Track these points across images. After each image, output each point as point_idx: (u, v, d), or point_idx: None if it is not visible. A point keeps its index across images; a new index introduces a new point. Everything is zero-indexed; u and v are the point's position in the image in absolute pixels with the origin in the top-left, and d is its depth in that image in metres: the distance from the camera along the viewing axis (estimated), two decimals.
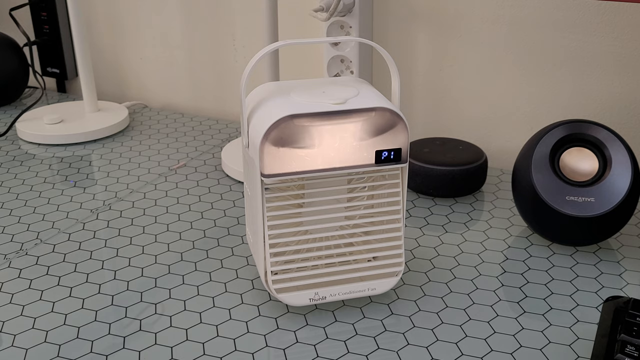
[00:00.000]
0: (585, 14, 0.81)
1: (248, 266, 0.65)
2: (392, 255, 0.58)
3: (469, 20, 0.88)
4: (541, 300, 0.60)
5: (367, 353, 0.53)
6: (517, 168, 0.70)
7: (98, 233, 0.72)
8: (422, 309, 0.59)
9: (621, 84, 0.82)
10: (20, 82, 1.14)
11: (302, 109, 0.52)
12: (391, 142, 0.54)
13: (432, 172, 0.78)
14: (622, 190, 0.64)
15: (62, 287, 0.62)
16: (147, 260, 0.67)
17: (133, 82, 1.19)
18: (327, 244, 0.57)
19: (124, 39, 1.16)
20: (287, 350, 0.54)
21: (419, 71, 0.93)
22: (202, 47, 1.09)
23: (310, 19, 0.84)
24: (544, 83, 0.86)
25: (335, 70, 0.90)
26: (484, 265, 0.66)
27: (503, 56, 0.87)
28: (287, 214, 0.56)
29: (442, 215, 0.76)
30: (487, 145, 0.89)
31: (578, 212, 0.65)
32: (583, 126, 0.68)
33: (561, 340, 0.55)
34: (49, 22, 1.16)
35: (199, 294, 0.61)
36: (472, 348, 0.54)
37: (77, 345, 0.55)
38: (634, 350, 0.47)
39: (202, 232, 0.72)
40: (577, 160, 0.67)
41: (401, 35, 0.92)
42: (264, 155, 0.51)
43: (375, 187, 0.57)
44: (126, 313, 0.59)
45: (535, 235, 0.71)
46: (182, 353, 0.54)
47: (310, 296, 0.57)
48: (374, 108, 0.53)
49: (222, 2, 1.04)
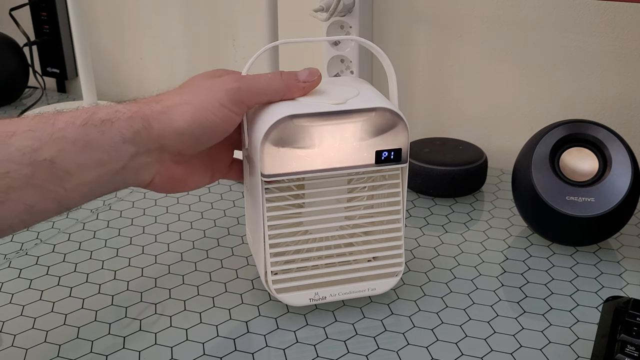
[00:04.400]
0: (585, 14, 0.81)
1: (248, 266, 0.65)
2: (392, 255, 0.58)
3: (469, 20, 0.88)
4: (541, 300, 0.60)
5: (367, 353, 0.53)
6: (517, 168, 0.70)
7: (98, 233, 0.72)
8: (422, 309, 0.59)
9: (621, 84, 0.82)
10: (20, 82, 1.14)
11: (302, 109, 0.52)
12: (391, 142, 0.54)
13: (432, 172, 0.78)
14: (622, 190, 0.64)
15: (62, 287, 0.62)
16: (147, 260, 0.67)
17: (133, 82, 1.19)
18: (327, 244, 0.57)
19: (124, 39, 1.16)
20: (287, 350, 0.54)
21: (419, 71, 0.93)
22: (202, 47, 1.09)
23: (310, 19, 0.84)
24: (544, 83, 0.86)
25: (335, 70, 0.90)
26: (484, 265, 0.66)
27: (503, 56, 0.87)
28: (287, 214, 0.56)
29: (442, 215, 0.76)
30: (487, 145, 0.89)
31: (578, 212, 0.65)
32: (583, 126, 0.68)
33: (561, 340, 0.55)
34: (49, 22, 1.16)
35: (199, 294, 0.61)
36: (472, 348, 0.54)
37: (77, 345, 0.55)
38: (634, 350, 0.47)
39: (202, 232, 0.72)
40: (577, 160, 0.67)
41: (401, 35, 0.92)
42: (264, 156, 0.51)
43: (375, 187, 0.57)
44: (126, 313, 0.59)
45: (535, 235, 0.71)
46: (182, 353, 0.54)
47: (310, 296, 0.57)
48: (374, 108, 0.53)
49: (222, 2, 1.04)
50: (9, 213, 0.45)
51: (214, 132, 0.52)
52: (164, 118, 0.50)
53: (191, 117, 0.50)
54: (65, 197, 0.47)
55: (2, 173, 0.44)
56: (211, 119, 0.50)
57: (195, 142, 0.52)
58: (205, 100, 0.50)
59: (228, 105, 0.51)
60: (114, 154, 0.48)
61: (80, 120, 0.47)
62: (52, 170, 0.45)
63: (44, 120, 0.46)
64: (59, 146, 0.46)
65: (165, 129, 0.50)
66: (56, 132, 0.46)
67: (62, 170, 0.46)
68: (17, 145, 0.44)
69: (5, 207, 0.44)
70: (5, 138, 0.45)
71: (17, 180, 0.44)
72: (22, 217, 0.46)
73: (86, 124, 0.47)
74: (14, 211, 0.45)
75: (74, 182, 0.47)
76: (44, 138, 0.45)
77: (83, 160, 0.47)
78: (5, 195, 0.44)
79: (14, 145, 0.44)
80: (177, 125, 0.50)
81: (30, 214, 0.46)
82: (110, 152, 0.48)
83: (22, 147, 0.44)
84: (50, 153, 0.45)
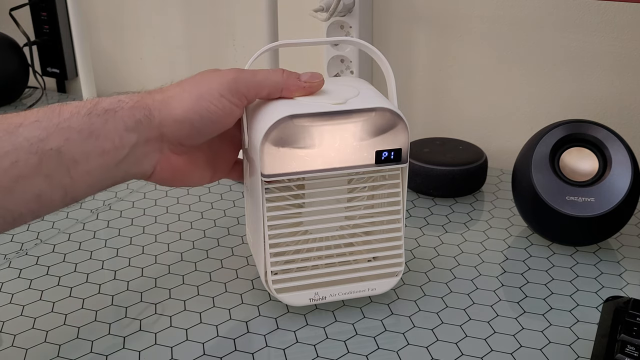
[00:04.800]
0: (585, 14, 0.81)
1: (248, 266, 0.65)
2: (392, 255, 0.58)
3: (469, 20, 0.88)
4: (541, 300, 0.60)
5: (367, 353, 0.53)
6: (517, 168, 0.70)
7: (98, 233, 0.72)
8: (422, 309, 0.59)
9: (621, 84, 0.82)
10: (20, 82, 1.14)
11: (302, 109, 0.52)
12: (391, 142, 0.54)
13: (432, 172, 0.78)
14: (622, 190, 0.64)
15: (62, 287, 0.62)
16: (147, 260, 0.67)
17: (133, 82, 1.19)
18: (327, 244, 0.57)
19: (124, 39, 1.16)
20: (287, 350, 0.54)
21: (419, 71, 0.93)
22: (202, 47, 1.09)
23: (310, 19, 0.84)
24: (544, 83, 0.86)
25: (335, 70, 0.90)
26: (484, 265, 0.66)
27: (503, 56, 0.87)
28: (287, 214, 0.56)
29: (442, 215, 0.76)
30: (487, 145, 0.89)
31: (578, 212, 0.65)
32: (583, 126, 0.68)
33: (561, 340, 0.55)
34: (49, 22, 1.16)
35: (199, 294, 0.61)
36: (472, 348, 0.54)
37: (77, 345, 0.55)
38: (634, 350, 0.47)
39: (202, 232, 0.72)
40: (577, 160, 0.67)
41: (401, 35, 0.92)
42: (264, 156, 0.51)
43: (376, 187, 0.57)
44: (126, 313, 0.59)
45: (535, 235, 0.71)
46: (182, 353, 0.54)
47: (310, 296, 0.57)
48: (374, 108, 0.53)
49: (222, 2, 1.04)
50: (19, 201, 0.46)
51: (212, 122, 0.52)
52: (164, 107, 0.51)
53: (189, 106, 0.51)
54: (71, 186, 0.48)
55: (11, 162, 0.45)
56: (210, 109, 0.51)
57: (194, 132, 0.52)
58: (205, 90, 0.51)
59: (227, 95, 0.52)
60: (117, 142, 0.49)
61: (85, 110, 0.48)
62: (59, 159, 0.47)
63: (50, 111, 0.48)
64: (65, 135, 0.47)
65: (165, 117, 0.51)
66: (62, 122, 0.47)
67: (69, 159, 0.47)
68: (25, 135, 0.46)
69: (14, 196, 0.46)
70: (13, 128, 0.46)
71: (26, 169, 0.45)
72: (30, 207, 0.47)
73: (90, 113, 0.48)
74: (22, 199, 0.46)
75: (79, 170, 0.48)
76: (51, 128, 0.47)
77: (88, 148, 0.48)
78: (14, 183, 0.45)
79: (22, 135, 0.46)
80: (175, 113, 0.51)
81: (38, 203, 0.47)
82: (114, 141, 0.49)
83: (29, 137, 0.46)
84: (56, 142, 0.46)
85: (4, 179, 0.45)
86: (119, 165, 0.50)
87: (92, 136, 0.48)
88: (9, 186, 0.45)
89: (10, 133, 0.46)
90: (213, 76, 0.53)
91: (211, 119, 0.52)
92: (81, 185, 0.49)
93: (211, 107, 0.51)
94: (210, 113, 0.51)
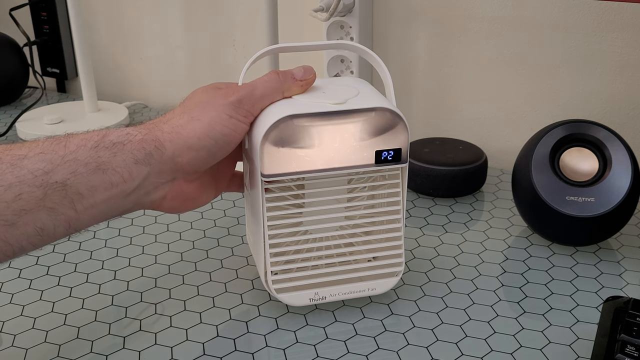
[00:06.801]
0: (585, 14, 0.81)
1: (248, 266, 0.65)
2: (392, 255, 0.58)
3: (469, 21, 0.88)
4: (541, 300, 0.60)
5: (367, 353, 0.53)
6: (517, 168, 0.70)
7: (98, 233, 0.72)
8: (422, 309, 0.59)
9: (621, 84, 0.82)
10: (20, 82, 1.14)
11: (302, 109, 0.52)
12: (391, 142, 0.54)
13: (432, 172, 0.78)
14: (622, 190, 0.64)
15: (62, 287, 0.62)
16: (147, 260, 0.67)
17: (133, 82, 1.19)
18: (327, 244, 0.57)
19: (124, 39, 1.16)
20: (287, 350, 0.54)
21: (419, 71, 0.93)
22: (202, 47, 1.09)
23: (310, 19, 0.84)
24: (544, 83, 0.86)
25: (335, 70, 0.90)
26: (484, 265, 0.66)
27: (503, 56, 0.87)
28: (287, 214, 0.56)
29: (442, 215, 0.76)
30: (487, 145, 0.89)
31: (578, 212, 0.65)
32: (583, 126, 0.68)
33: (561, 340, 0.55)
34: (49, 22, 1.16)
35: (199, 294, 0.61)
36: (472, 348, 0.54)
37: (77, 345, 0.55)
38: (634, 350, 0.47)
39: (202, 232, 0.72)
40: (577, 160, 0.67)
41: (401, 35, 0.92)
42: (264, 156, 0.51)
43: (376, 187, 0.57)
44: (126, 313, 0.59)
45: (535, 235, 0.71)
46: (182, 353, 0.54)
47: (310, 296, 0.57)
48: (374, 108, 0.53)
49: (223, 2, 1.04)
50: (21, 235, 0.45)
51: (227, 144, 0.53)
52: (176, 137, 0.51)
53: (204, 132, 0.51)
54: (75, 219, 0.47)
55: (15, 195, 0.44)
56: (224, 132, 0.52)
57: (210, 157, 0.53)
58: (214, 115, 0.52)
59: (235, 115, 0.52)
60: (126, 175, 0.49)
61: (92, 142, 0.48)
62: (64, 193, 0.46)
63: (56, 143, 0.47)
64: (71, 169, 0.46)
65: (179, 148, 0.51)
66: (68, 155, 0.46)
67: (74, 192, 0.46)
68: (29, 167, 0.45)
69: (17, 230, 0.44)
70: (17, 160, 0.45)
71: (30, 203, 0.44)
72: (32, 240, 0.46)
73: (97, 146, 0.48)
74: (25, 234, 0.45)
75: (85, 203, 0.47)
76: (56, 160, 0.46)
77: (95, 182, 0.47)
78: (17, 217, 0.44)
79: (26, 167, 0.45)
80: (190, 142, 0.51)
81: (40, 235, 0.46)
82: (123, 174, 0.48)
83: (34, 170, 0.45)
84: (62, 175, 0.46)
85: (7, 212, 0.44)
86: (127, 198, 0.50)
87: (99, 170, 0.47)
88: (12, 220, 0.44)
89: (13, 165, 0.45)
90: (216, 98, 0.53)
91: (226, 141, 0.52)
92: (85, 218, 0.48)
93: (225, 130, 0.52)
94: (224, 136, 0.52)
